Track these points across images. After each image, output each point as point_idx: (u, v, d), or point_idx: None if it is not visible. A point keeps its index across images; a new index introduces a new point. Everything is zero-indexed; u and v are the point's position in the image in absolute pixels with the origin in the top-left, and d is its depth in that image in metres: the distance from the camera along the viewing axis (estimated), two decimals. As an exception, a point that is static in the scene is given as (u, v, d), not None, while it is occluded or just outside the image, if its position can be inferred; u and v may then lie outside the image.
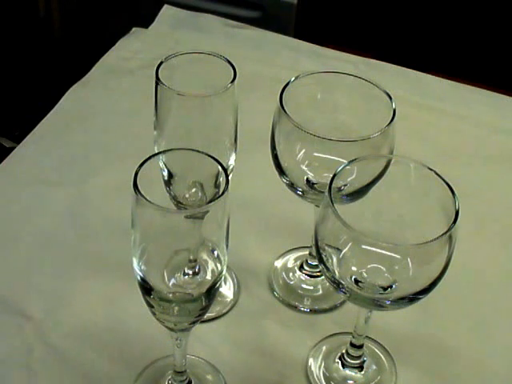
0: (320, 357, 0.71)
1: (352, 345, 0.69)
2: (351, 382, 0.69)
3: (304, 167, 0.68)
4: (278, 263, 0.79)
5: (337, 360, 0.70)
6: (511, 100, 1.02)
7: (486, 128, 0.97)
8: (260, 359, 0.71)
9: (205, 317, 0.60)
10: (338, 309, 0.75)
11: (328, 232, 0.57)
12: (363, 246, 0.56)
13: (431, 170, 0.59)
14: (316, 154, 0.66)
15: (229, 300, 0.75)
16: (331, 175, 0.58)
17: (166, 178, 0.63)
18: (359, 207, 0.64)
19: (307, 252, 0.78)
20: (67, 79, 1.02)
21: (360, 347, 0.69)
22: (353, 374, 0.70)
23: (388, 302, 0.60)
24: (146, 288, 0.57)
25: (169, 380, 0.67)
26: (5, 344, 0.70)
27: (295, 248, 0.81)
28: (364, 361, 0.70)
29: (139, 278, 0.57)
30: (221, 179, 0.57)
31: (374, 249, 0.55)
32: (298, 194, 0.68)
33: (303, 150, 0.67)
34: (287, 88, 0.66)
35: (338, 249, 0.59)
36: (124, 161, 0.73)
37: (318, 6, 1.77)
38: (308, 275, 0.78)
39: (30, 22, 2.12)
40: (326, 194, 0.56)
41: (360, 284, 0.61)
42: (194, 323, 0.59)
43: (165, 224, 0.54)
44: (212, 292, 0.58)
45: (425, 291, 0.58)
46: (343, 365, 0.70)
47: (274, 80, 0.73)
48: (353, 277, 0.61)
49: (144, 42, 1.07)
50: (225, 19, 1.12)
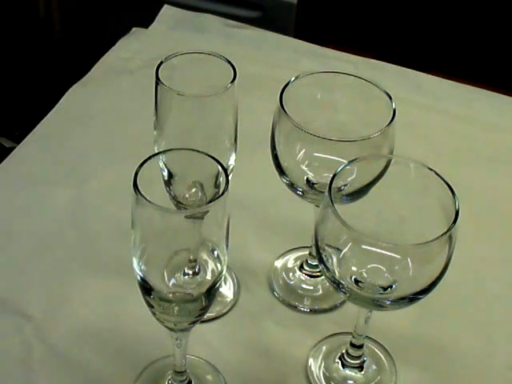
0: (320, 357, 0.71)
1: (352, 345, 0.69)
2: (351, 382, 0.69)
3: (304, 167, 0.68)
4: (278, 263, 0.79)
5: (337, 360, 0.70)
6: (511, 100, 1.02)
7: (486, 128, 0.97)
8: (260, 359, 0.71)
9: (205, 317, 0.60)
10: (338, 309, 0.75)
11: (328, 232, 0.57)
12: (363, 246, 0.56)
13: (431, 170, 0.59)
14: (316, 154, 0.66)
15: (229, 300, 0.75)
16: (331, 175, 0.58)
17: (166, 178, 0.63)
18: (359, 207, 0.64)
19: (307, 252, 0.78)
20: (67, 79, 1.02)
21: (360, 347, 0.69)
22: (353, 374, 0.70)
23: (388, 302, 0.60)
24: (146, 288, 0.57)
25: (169, 380, 0.67)
26: (4, 344, 0.70)
27: (295, 248, 0.81)
28: (364, 361, 0.70)
29: (139, 278, 0.57)
30: (221, 179, 0.57)
31: (374, 249, 0.55)
32: (298, 194, 0.68)
33: (303, 150, 0.67)
34: (287, 88, 0.66)
35: (338, 249, 0.59)
36: (124, 161, 0.73)
37: (318, 6, 1.77)
38: (308, 275, 0.78)
39: (30, 22, 2.12)
40: (326, 194, 0.56)
41: (360, 284, 0.61)
42: (194, 323, 0.59)
43: (165, 224, 0.54)
44: (212, 292, 0.58)
45: (425, 291, 0.58)
46: (343, 365, 0.70)
47: (274, 80, 0.73)
48: (353, 277, 0.61)
49: (144, 42, 1.07)
50: (225, 19, 1.12)
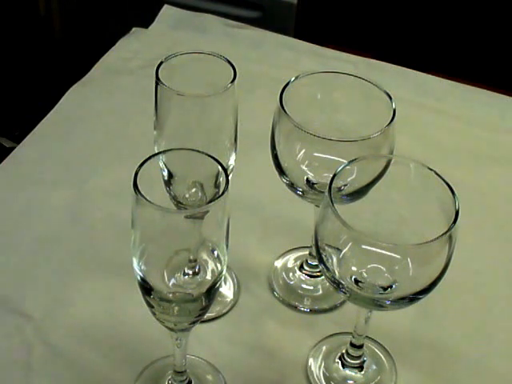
0: (320, 357, 0.71)
1: (352, 345, 0.69)
2: (351, 382, 0.69)
3: (304, 167, 0.68)
4: (278, 263, 0.79)
5: (337, 360, 0.70)
6: (511, 100, 1.02)
7: (486, 128, 0.97)
8: (260, 359, 0.71)
9: (205, 317, 0.60)
10: (338, 309, 0.75)
11: (328, 232, 0.57)
12: (363, 246, 0.56)
13: (431, 170, 0.59)
14: (316, 154, 0.66)
15: (229, 300, 0.75)
16: (331, 175, 0.58)
17: (166, 178, 0.63)
18: (359, 207, 0.64)
19: (307, 252, 0.78)
20: (67, 79, 1.02)
21: (360, 347, 0.69)
22: (353, 374, 0.70)
23: (388, 302, 0.60)
24: (146, 288, 0.57)
25: (169, 380, 0.67)
26: (5, 344, 0.70)
27: (295, 248, 0.81)
28: (364, 361, 0.70)
29: (139, 278, 0.57)
30: (221, 179, 0.57)
31: (374, 249, 0.55)
32: (298, 194, 0.68)
33: (303, 150, 0.67)
34: (287, 88, 0.66)
35: (338, 249, 0.59)
36: (124, 161, 0.73)
37: (318, 6, 1.77)
38: (308, 275, 0.78)
39: (30, 22, 2.12)
40: (326, 194, 0.56)
41: (360, 284, 0.61)
42: (194, 323, 0.59)
43: (165, 224, 0.54)
44: (212, 292, 0.58)
45: (425, 291, 0.58)
46: (343, 365, 0.70)
47: (274, 80, 0.73)
48: (353, 277, 0.61)
49: (144, 42, 1.07)
50: (225, 19, 1.12)
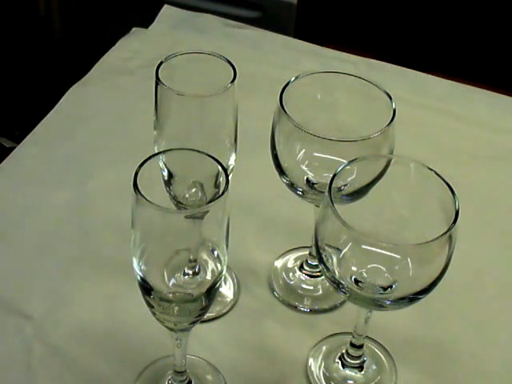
0: (320, 357, 0.71)
1: (352, 345, 0.69)
2: (351, 382, 0.69)
3: (304, 167, 0.68)
4: (278, 263, 0.79)
5: (337, 360, 0.70)
6: (511, 100, 1.02)
7: (487, 128, 0.97)
8: (260, 359, 0.71)
9: (205, 317, 0.60)
10: (338, 309, 0.75)
11: (328, 232, 0.57)
12: (363, 246, 0.56)
13: (431, 170, 0.59)
14: (316, 154, 0.66)
15: (229, 300, 0.75)
16: (331, 175, 0.58)
17: (166, 178, 0.63)
18: (359, 207, 0.64)
19: (307, 252, 0.78)
20: (67, 79, 1.02)
21: (360, 347, 0.69)
22: (353, 374, 0.70)
23: (388, 302, 0.60)
24: (146, 288, 0.57)
25: (169, 380, 0.67)
26: (5, 344, 0.70)
27: (295, 248, 0.81)
28: (364, 361, 0.70)
29: (139, 278, 0.57)
30: (221, 179, 0.57)
31: (374, 249, 0.55)
32: (298, 194, 0.68)
33: (303, 150, 0.67)
34: (287, 88, 0.66)
35: (338, 249, 0.59)
36: (124, 161, 0.73)
37: (318, 6, 1.77)
38: (308, 275, 0.78)
39: (30, 22, 2.12)
40: (326, 194, 0.56)
41: (360, 284, 0.61)
42: (194, 323, 0.59)
43: (165, 224, 0.54)
44: (212, 292, 0.58)
45: (425, 291, 0.58)
46: (343, 365, 0.70)
47: (274, 80, 0.73)
48: (353, 277, 0.61)
49: (144, 42, 1.07)
50: (225, 19, 1.12)
